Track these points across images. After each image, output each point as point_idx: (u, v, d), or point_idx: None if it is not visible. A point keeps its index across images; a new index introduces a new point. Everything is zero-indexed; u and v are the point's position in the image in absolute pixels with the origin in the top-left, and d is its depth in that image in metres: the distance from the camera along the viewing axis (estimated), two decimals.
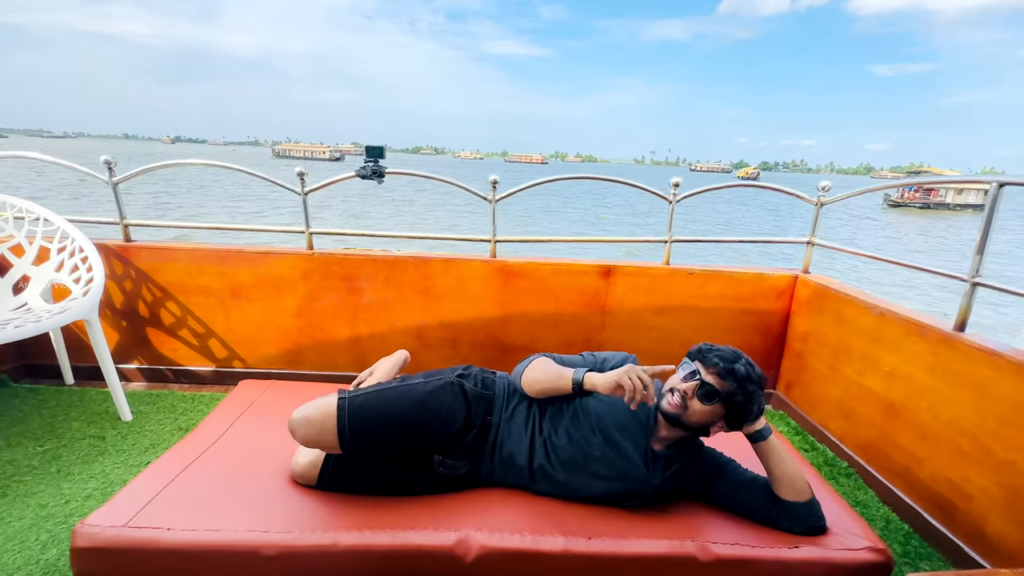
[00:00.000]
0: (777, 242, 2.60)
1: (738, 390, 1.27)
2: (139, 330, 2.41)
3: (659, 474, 1.39)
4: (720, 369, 1.28)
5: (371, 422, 1.33)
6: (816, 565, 1.29)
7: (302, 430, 1.31)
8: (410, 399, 1.38)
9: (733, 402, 1.28)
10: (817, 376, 2.25)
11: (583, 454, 1.38)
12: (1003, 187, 1.51)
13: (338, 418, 1.30)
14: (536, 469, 1.42)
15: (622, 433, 1.38)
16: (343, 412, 1.31)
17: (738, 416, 1.31)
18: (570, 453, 1.39)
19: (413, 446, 1.39)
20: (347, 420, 1.30)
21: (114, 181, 2.27)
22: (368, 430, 1.32)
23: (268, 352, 2.44)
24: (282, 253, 2.33)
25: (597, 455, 1.38)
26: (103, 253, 2.27)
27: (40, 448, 1.87)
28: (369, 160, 2.20)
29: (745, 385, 1.28)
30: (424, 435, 1.38)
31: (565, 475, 1.40)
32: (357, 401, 1.34)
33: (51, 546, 1.41)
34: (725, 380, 1.27)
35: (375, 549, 1.24)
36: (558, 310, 2.40)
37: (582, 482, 1.40)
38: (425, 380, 1.43)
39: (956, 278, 1.66)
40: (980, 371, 1.53)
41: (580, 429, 1.40)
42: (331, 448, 1.34)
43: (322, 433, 1.31)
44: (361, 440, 1.33)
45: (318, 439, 1.32)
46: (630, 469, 1.37)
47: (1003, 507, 1.46)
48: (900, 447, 1.80)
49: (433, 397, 1.39)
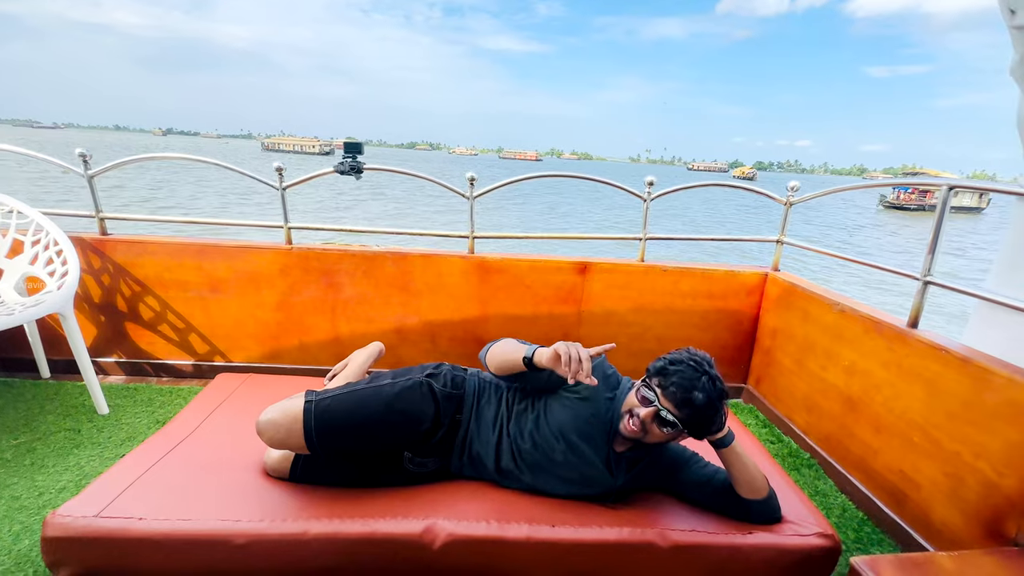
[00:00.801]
0: (748, 240, 2.67)
1: (694, 416, 1.25)
2: (117, 324, 2.40)
3: (622, 476, 1.42)
4: (677, 399, 1.25)
5: (338, 424, 1.34)
6: (768, 550, 1.36)
7: (268, 433, 1.32)
8: (377, 400, 1.38)
9: (691, 424, 1.27)
10: (784, 371, 2.32)
11: (547, 459, 1.40)
12: (952, 190, 1.58)
13: (304, 421, 1.31)
14: (503, 469, 1.44)
15: (584, 439, 1.39)
16: (309, 416, 1.32)
17: (698, 433, 1.31)
18: (535, 458, 1.41)
19: (382, 446, 1.41)
20: (313, 423, 1.31)
21: (89, 174, 2.25)
22: (335, 432, 1.33)
23: (247, 346, 2.46)
24: (260, 248, 2.34)
25: (560, 460, 1.39)
26: (79, 246, 2.26)
27: (14, 441, 1.87)
28: (347, 156, 2.22)
29: (705, 410, 1.25)
30: (392, 436, 1.40)
31: (532, 478, 1.43)
32: (323, 404, 1.34)
33: (23, 536, 1.42)
34: (682, 409, 1.25)
35: (345, 537, 1.28)
36: (535, 306, 2.45)
37: (548, 484, 1.43)
38: (393, 381, 1.43)
39: (909, 276, 1.73)
40: (930, 366, 1.60)
41: (543, 435, 1.41)
42: (299, 449, 1.35)
43: (289, 436, 1.32)
44: (328, 442, 1.34)
45: (285, 441, 1.33)
46: (593, 474, 1.40)
47: (948, 495, 1.53)
48: (858, 439, 1.88)
49: (400, 399, 1.39)
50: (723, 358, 2.58)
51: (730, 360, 2.58)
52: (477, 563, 1.33)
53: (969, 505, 1.47)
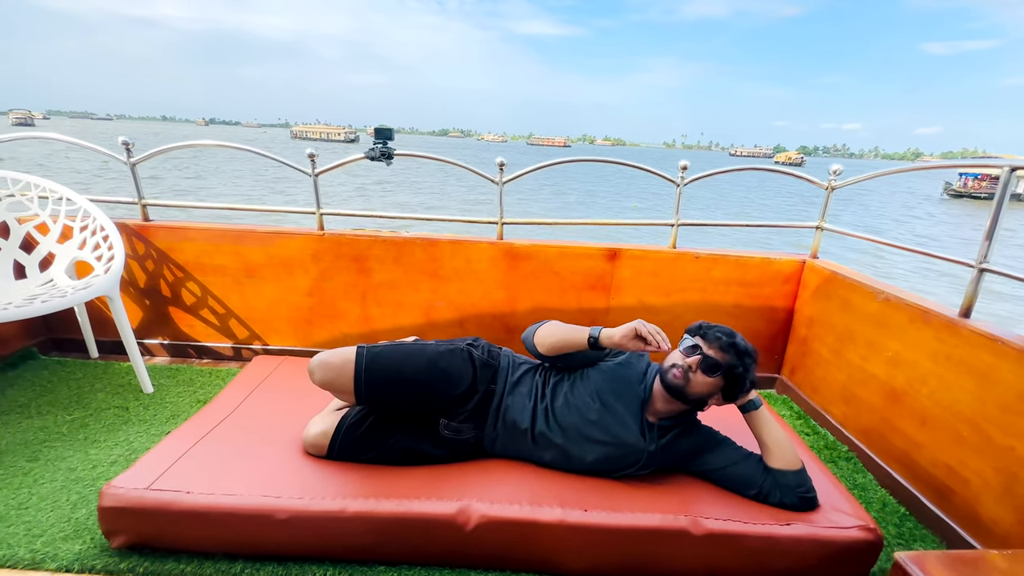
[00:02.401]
0: (786, 227, 2.58)
1: (738, 362, 1.36)
2: (159, 307, 2.50)
3: (654, 442, 1.45)
4: (723, 343, 1.37)
5: (385, 371, 1.43)
6: (806, 542, 1.33)
7: (320, 372, 1.42)
8: (423, 356, 1.49)
9: (734, 374, 1.36)
10: (821, 361, 2.25)
11: (581, 418, 1.45)
12: (1015, 171, 1.49)
13: (355, 365, 1.41)
14: (537, 434, 1.48)
15: (619, 400, 1.46)
16: (360, 360, 1.42)
17: (735, 388, 1.39)
18: (569, 418, 1.46)
19: (420, 402, 1.47)
20: (363, 367, 1.41)
21: (131, 162, 2.33)
22: (381, 379, 1.43)
23: (282, 330, 2.52)
24: (293, 233, 2.38)
25: (594, 419, 1.45)
26: (123, 232, 2.35)
27: (68, 417, 1.97)
28: (378, 142, 2.23)
29: (744, 358, 1.36)
30: (431, 392, 1.47)
31: (564, 439, 1.46)
32: (375, 351, 1.46)
33: (80, 506, 1.50)
34: (727, 353, 1.36)
35: (381, 516, 1.31)
36: (564, 292, 2.43)
37: (579, 447, 1.46)
38: (437, 343, 1.55)
39: (964, 264, 1.65)
40: (982, 357, 1.53)
41: (579, 396, 1.48)
42: (344, 392, 1.44)
43: (338, 376, 1.41)
44: (373, 388, 1.42)
45: (334, 382, 1.42)
46: (625, 435, 1.43)
47: (998, 491, 1.47)
48: (900, 432, 1.81)
49: (443, 358, 1.50)
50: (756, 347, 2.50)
51: (763, 349, 2.52)
52: (509, 545, 1.34)
53: (1022, 502, 1.41)
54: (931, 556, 1.11)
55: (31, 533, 1.40)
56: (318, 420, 1.51)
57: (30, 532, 1.40)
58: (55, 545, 1.36)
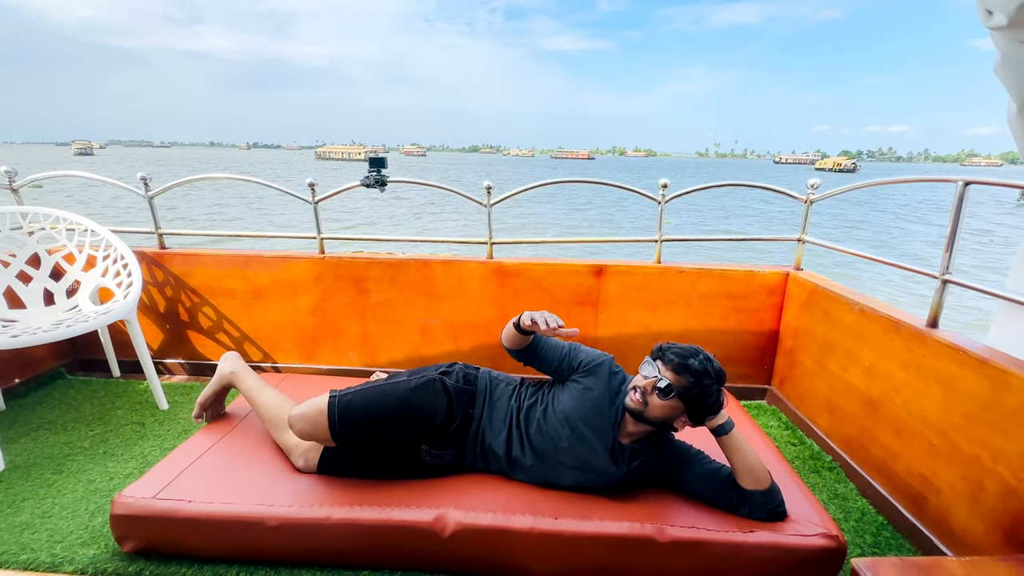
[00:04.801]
0: (769, 240, 2.63)
1: (693, 384, 1.35)
2: (176, 328, 2.67)
3: (625, 466, 1.49)
4: (675, 365, 1.36)
5: (358, 416, 1.48)
6: (769, 549, 1.38)
7: (298, 425, 1.49)
8: (394, 396, 1.52)
9: (689, 396, 1.36)
10: (806, 372, 2.28)
11: (553, 445, 1.49)
12: (968, 185, 1.53)
13: (328, 415, 1.46)
14: (513, 459, 1.54)
15: (589, 427, 1.48)
16: (333, 409, 1.47)
17: (696, 410, 1.39)
18: (542, 444, 1.51)
19: (399, 437, 1.54)
20: (336, 416, 1.46)
21: (149, 195, 2.52)
22: (355, 424, 1.48)
23: (287, 348, 2.66)
24: (297, 257, 2.53)
25: (565, 447, 1.48)
26: (141, 259, 2.54)
27: (91, 432, 2.14)
28: (372, 170, 2.37)
29: (700, 379, 1.35)
30: (408, 427, 1.53)
31: (538, 465, 1.52)
32: (345, 399, 1.49)
33: (97, 515, 1.64)
34: (680, 375, 1.35)
35: (363, 523, 1.41)
36: (553, 308, 2.51)
37: (553, 472, 1.52)
38: (408, 378, 1.58)
39: (927, 275, 1.69)
40: (947, 367, 1.56)
41: (550, 422, 1.51)
42: (325, 440, 1.50)
43: (315, 427, 1.47)
44: (350, 433, 1.48)
45: (312, 433, 1.49)
46: (596, 461, 1.48)
47: (968, 500, 1.49)
48: (878, 441, 1.84)
49: (414, 394, 1.53)
50: (745, 359, 2.55)
51: (752, 361, 2.56)
52: (484, 551, 1.43)
53: (988, 511, 1.43)
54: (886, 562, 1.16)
55: (52, 539, 1.54)
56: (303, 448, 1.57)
57: (52, 538, 1.54)
58: (73, 550, 1.50)
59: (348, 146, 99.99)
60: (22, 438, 2.07)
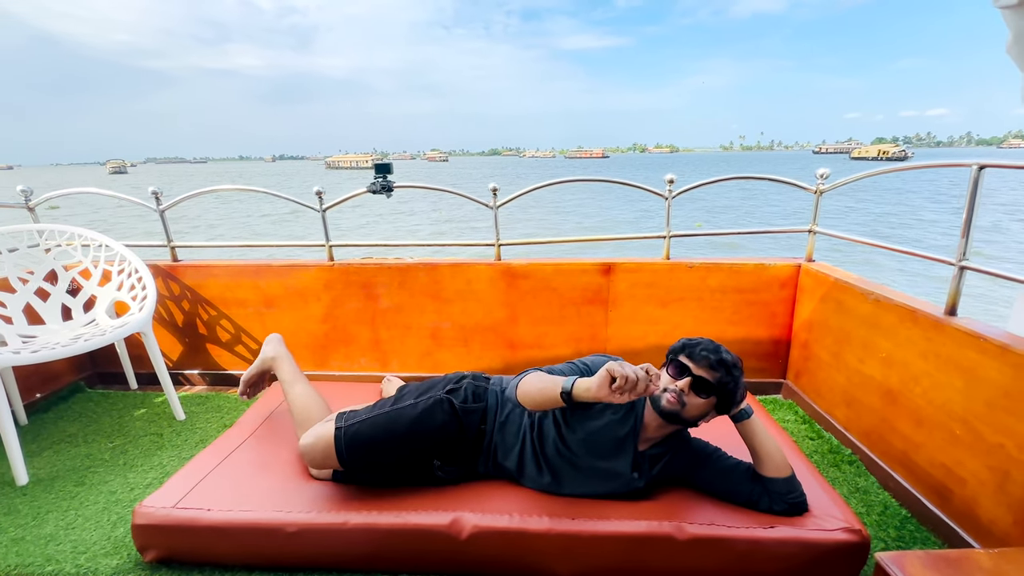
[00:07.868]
0: (778, 232, 2.59)
1: (727, 377, 1.33)
2: (192, 339, 2.71)
3: (647, 475, 1.47)
4: (711, 361, 1.33)
5: (365, 447, 1.46)
6: (791, 544, 1.36)
7: (308, 457, 1.50)
8: (401, 423, 1.48)
9: (725, 390, 1.34)
10: (822, 365, 2.25)
11: (571, 465, 1.47)
12: (983, 169, 1.50)
13: (336, 448, 1.46)
14: (527, 476, 1.52)
15: (608, 441, 1.44)
16: (340, 442, 1.46)
17: (728, 401, 1.37)
18: (558, 462, 1.48)
19: (409, 460, 1.52)
20: (344, 449, 1.45)
21: (160, 209, 2.56)
22: (364, 454, 1.47)
23: (300, 355, 2.66)
24: (306, 265, 2.55)
25: (584, 465, 1.46)
26: (155, 272, 2.58)
27: (110, 444, 2.17)
28: (378, 176, 2.39)
29: (732, 371, 1.34)
30: (418, 451, 1.51)
31: (555, 483, 1.49)
32: (352, 430, 1.47)
33: (119, 525, 1.67)
34: (716, 371, 1.33)
35: (380, 527, 1.41)
36: (563, 308, 2.51)
37: (570, 487, 1.50)
38: (415, 401, 1.53)
39: (944, 262, 1.65)
40: (968, 355, 1.53)
41: (566, 441, 1.47)
42: (337, 468, 1.51)
43: (325, 459, 1.48)
44: (360, 462, 1.48)
45: (323, 463, 1.50)
46: (617, 475, 1.46)
47: (993, 490, 1.46)
48: (899, 433, 1.81)
49: (421, 421, 1.48)
50: (758, 353, 2.52)
51: (766, 355, 2.53)
52: (501, 553, 1.42)
53: (1016, 501, 1.40)
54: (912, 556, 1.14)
55: (76, 550, 1.56)
56: None
57: (76, 549, 1.57)
58: (96, 560, 1.52)
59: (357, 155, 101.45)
60: (45, 451, 2.11)
